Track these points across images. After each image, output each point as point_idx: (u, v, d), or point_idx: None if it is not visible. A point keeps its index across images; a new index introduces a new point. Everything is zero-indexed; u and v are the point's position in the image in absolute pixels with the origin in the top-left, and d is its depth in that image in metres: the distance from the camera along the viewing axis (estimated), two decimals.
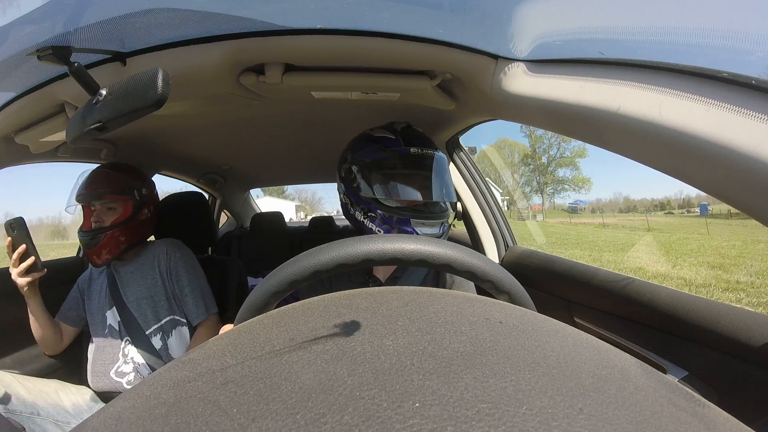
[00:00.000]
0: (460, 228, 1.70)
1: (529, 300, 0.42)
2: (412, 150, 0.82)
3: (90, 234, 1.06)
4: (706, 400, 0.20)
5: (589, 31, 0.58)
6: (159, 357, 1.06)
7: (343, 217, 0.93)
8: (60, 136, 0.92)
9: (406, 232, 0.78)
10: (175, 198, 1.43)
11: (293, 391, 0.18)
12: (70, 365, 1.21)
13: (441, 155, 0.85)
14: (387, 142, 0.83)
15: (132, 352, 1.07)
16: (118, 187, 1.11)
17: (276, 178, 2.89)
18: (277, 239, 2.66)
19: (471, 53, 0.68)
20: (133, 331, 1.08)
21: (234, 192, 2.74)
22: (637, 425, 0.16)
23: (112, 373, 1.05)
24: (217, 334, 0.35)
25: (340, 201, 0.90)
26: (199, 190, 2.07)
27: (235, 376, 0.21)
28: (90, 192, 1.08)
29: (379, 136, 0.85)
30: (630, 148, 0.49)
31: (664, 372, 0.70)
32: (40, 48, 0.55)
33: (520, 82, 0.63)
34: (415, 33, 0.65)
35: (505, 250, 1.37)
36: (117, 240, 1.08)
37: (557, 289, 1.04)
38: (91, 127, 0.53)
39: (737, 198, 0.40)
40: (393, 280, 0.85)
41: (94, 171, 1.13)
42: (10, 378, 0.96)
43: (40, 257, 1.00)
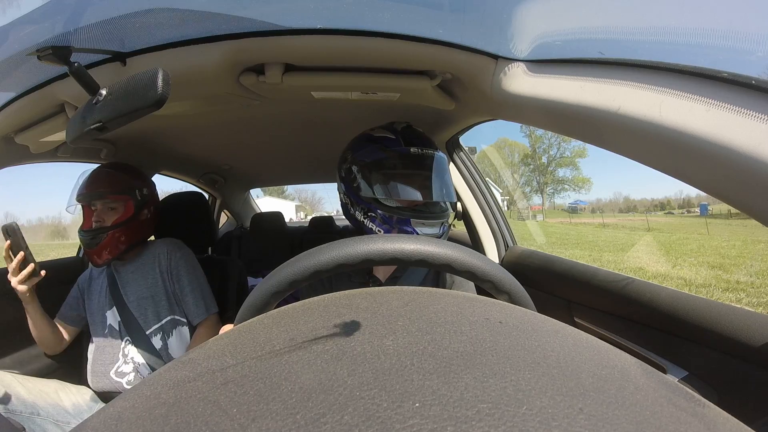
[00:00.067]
0: (460, 228, 1.70)
1: (529, 300, 0.42)
2: (412, 150, 0.82)
3: (91, 234, 1.06)
4: (706, 400, 0.20)
5: (589, 31, 0.58)
6: (159, 357, 1.06)
7: (343, 217, 0.93)
8: (60, 136, 0.92)
9: (406, 232, 0.78)
10: (175, 198, 1.43)
11: (293, 391, 0.18)
12: (70, 365, 1.21)
13: (441, 155, 0.85)
14: (387, 142, 0.83)
15: (132, 352, 1.07)
16: (119, 187, 1.11)
17: (276, 178, 2.89)
18: (277, 239, 2.66)
19: (471, 53, 0.68)
20: (133, 331, 1.08)
21: (234, 192, 2.74)
22: (637, 425, 0.16)
23: (112, 373, 1.05)
24: (217, 333, 0.35)
25: (340, 201, 0.90)
26: (199, 190, 2.07)
27: (235, 376, 0.21)
28: (91, 192, 1.08)
29: (379, 136, 0.85)
30: (630, 148, 0.49)
31: (664, 372, 0.70)
32: (40, 48, 0.55)
33: (520, 82, 0.63)
34: (415, 33, 0.65)
35: (505, 250, 1.37)
36: (118, 240, 1.08)
37: (557, 289, 1.04)
38: (91, 127, 0.53)
39: (737, 198, 0.40)
40: (393, 280, 0.85)
41: (95, 171, 1.13)
42: (10, 378, 0.96)
43: (36, 260, 0.99)
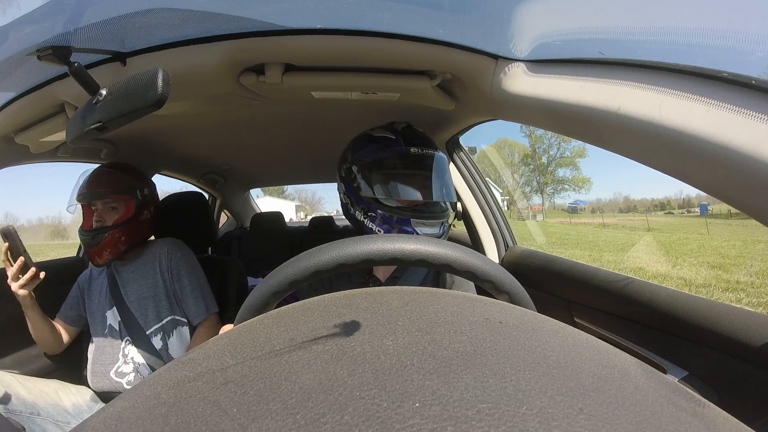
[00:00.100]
0: (460, 228, 1.70)
1: (529, 300, 0.42)
2: (412, 150, 0.82)
3: (91, 233, 1.06)
4: (706, 400, 0.20)
5: (589, 31, 0.58)
6: (159, 357, 1.06)
7: (343, 217, 0.93)
8: (60, 136, 0.92)
9: (407, 232, 0.78)
10: (175, 198, 1.43)
11: (293, 391, 0.18)
12: (70, 365, 1.21)
13: (441, 155, 0.85)
14: (387, 142, 0.83)
15: (132, 352, 1.07)
16: (120, 186, 1.11)
17: (276, 178, 2.89)
18: (277, 239, 2.66)
19: (471, 53, 0.68)
20: (133, 331, 1.08)
21: (234, 192, 2.74)
22: (637, 425, 0.16)
23: (112, 373, 1.05)
24: (218, 333, 0.35)
25: (340, 201, 0.90)
26: (199, 190, 2.07)
27: (235, 376, 0.21)
28: (92, 191, 1.08)
29: (379, 136, 0.85)
30: (630, 148, 0.49)
31: (664, 372, 0.70)
32: (40, 48, 0.55)
33: (520, 82, 0.63)
34: (415, 33, 0.65)
35: (505, 250, 1.37)
36: (119, 240, 1.08)
37: (557, 289, 1.04)
38: (91, 127, 0.53)
39: (737, 198, 0.40)
40: (393, 280, 0.85)
41: (96, 170, 1.13)
42: (10, 378, 0.96)
43: (36, 260, 0.99)
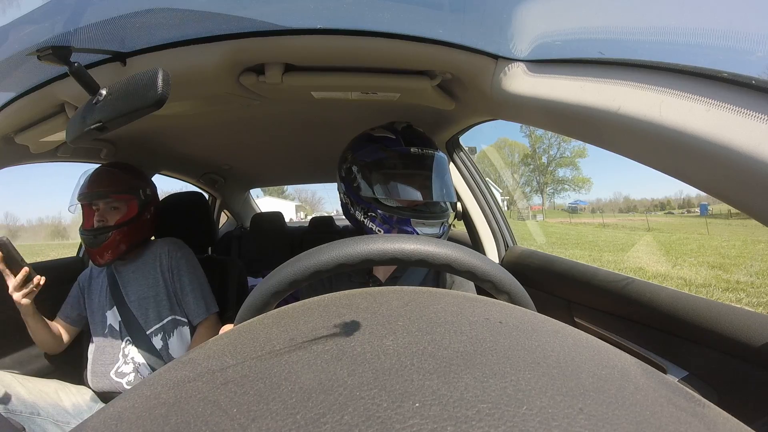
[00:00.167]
0: (460, 228, 1.70)
1: (529, 300, 0.42)
2: (412, 150, 0.82)
3: (93, 233, 1.06)
4: (706, 400, 0.20)
5: (589, 31, 0.58)
6: (159, 357, 1.06)
7: (343, 217, 0.93)
8: (60, 136, 0.92)
9: (407, 232, 0.78)
10: (175, 198, 1.43)
11: (293, 391, 0.18)
12: (70, 365, 1.21)
13: (441, 155, 0.85)
14: (387, 142, 0.83)
15: (132, 352, 1.07)
16: (122, 186, 1.11)
17: (276, 178, 2.89)
18: (277, 239, 2.66)
19: (471, 53, 0.68)
20: (133, 331, 1.08)
21: (234, 192, 2.74)
22: (637, 425, 0.16)
23: (112, 373, 1.05)
24: (218, 333, 0.35)
25: (340, 201, 0.90)
26: (199, 190, 2.07)
27: (235, 376, 0.21)
28: (94, 191, 1.08)
29: (379, 136, 0.85)
30: (630, 148, 0.49)
31: (664, 372, 0.70)
32: (40, 48, 0.55)
33: (520, 82, 0.63)
34: (415, 33, 0.65)
35: (505, 250, 1.37)
36: (122, 239, 1.08)
37: (557, 289, 1.04)
38: (91, 127, 0.53)
39: (737, 198, 0.40)
40: (393, 280, 0.85)
41: (98, 170, 1.12)
42: (10, 378, 0.96)
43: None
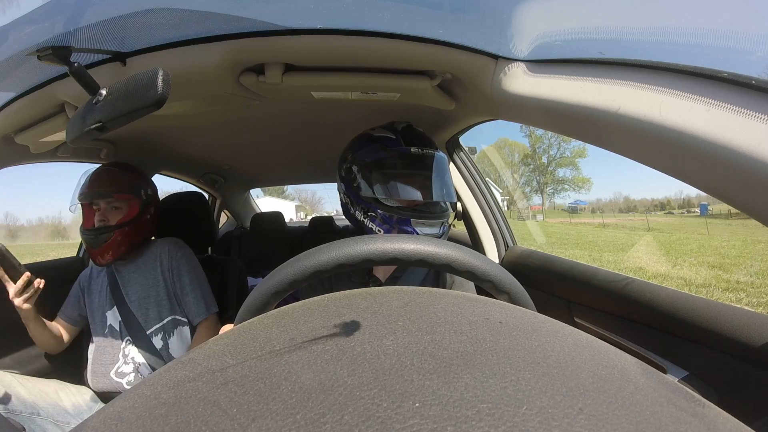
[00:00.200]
0: (460, 228, 1.70)
1: (529, 300, 0.42)
2: (412, 150, 0.82)
3: (94, 232, 1.05)
4: (706, 400, 0.20)
5: (589, 31, 0.58)
6: (160, 357, 1.06)
7: (343, 217, 0.93)
8: (60, 136, 0.92)
9: (407, 232, 0.78)
10: (175, 198, 1.43)
11: (293, 391, 0.18)
12: (70, 365, 1.21)
13: (441, 155, 0.85)
14: (387, 142, 0.83)
15: (133, 352, 1.07)
16: (124, 186, 1.11)
17: (276, 178, 2.89)
18: (277, 239, 2.66)
19: (471, 53, 0.68)
20: (134, 331, 1.08)
21: (234, 192, 2.74)
22: (637, 425, 0.16)
23: (112, 373, 1.05)
24: (217, 333, 0.35)
25: (340, 201, 0.90)
26: (199, 190, 2.07)
27: (235, 376, 0.21)
28: (95, 190, 1.08)
29: (379, 136, 0.85)
30: (630, 148, 0.49)
31: (664, 372, 0.70)
32: (40, 48, 0.55)
33: (520, 82, 0.63)
34: (415, 33, 0.65)
35: (505, 250, 1.37)
36: (123, 240, 1.07)
37: (557, 289, 1.04)
38: (91, 127, 0.53)
39: (737, 198, 0.40)
40: (393, 280, 0.85)
41: (99, 170, 1.12)
42: (10, 378, 0.96)
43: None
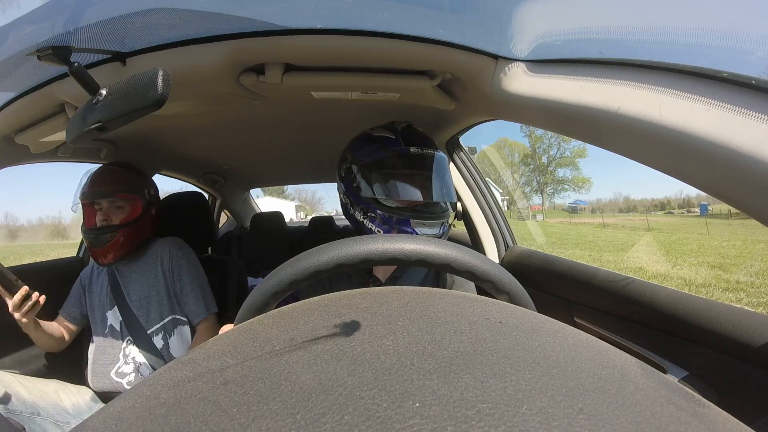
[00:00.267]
0: (460, 228, 1.70)
1: (529, 300, 0.42)
2: (412, 150, 0.82)
3: (96, 232, 1.05)
4: (706, 400, 0.20)
5: (589, 31, 0.58)
6: (161, 357, 1.06)
7: (343, 217, 0.93)
8: (60, 136, 0.92)
9: (406, 232, 0.78)
10: (175, 198, 1.43)
11: (293, 391, 0.18)
12: (70, 365, 1.21)
13: (441, 155, 0.85)
14: (387, 142, 0.83)
15: (133, 352, 1.07)
16: (127, 186, 1.11)
17: (276, 178, 2.89)
18: (277, 239, 2.66)
19: (471, 53, 0.68)
20: (134, 330, 1.08)
21: (234, 192, 2.74)
22: (637, 425, 0.16)
23: (113, 373, 1.05)
24: (217, 333, 0.35)
25: (340, 201, 0.90)
26: (199, 190, 2.07)
27: (235, 376, 0.21)
28: (99, 190, 1.07)
29: (379, 136, 0.85)
30: (630, 148, 0.49)
31: (664, 372, 0.70)
32: (40, 48, 0.55)
33: (520, 82, 0.63)
34: (415, 33, 0.65)
35: (505, 250, 1.37)
36: (126, 239, 1.07)
37: (557, 289, 1.04)
38: (91, 127, 0.53)
39: (737, 198, 0.40)
40: (393, 280, 0.85)
41: (100, 169, 1.12)
42: (10, 378, 0.96)
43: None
